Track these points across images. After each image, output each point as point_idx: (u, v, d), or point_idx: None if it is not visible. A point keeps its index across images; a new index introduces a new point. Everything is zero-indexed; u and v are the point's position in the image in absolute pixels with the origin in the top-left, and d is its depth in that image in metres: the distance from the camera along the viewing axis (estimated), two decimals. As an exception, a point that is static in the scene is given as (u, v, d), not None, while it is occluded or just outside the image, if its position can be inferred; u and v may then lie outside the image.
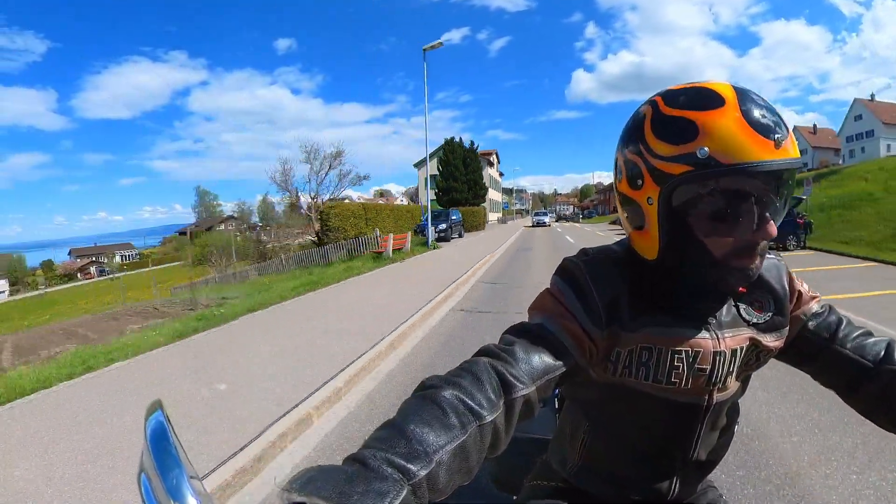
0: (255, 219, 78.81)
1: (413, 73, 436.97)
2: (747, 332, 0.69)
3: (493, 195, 52.92)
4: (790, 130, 0.57)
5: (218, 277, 21.08)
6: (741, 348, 0.69)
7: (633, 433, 0.72)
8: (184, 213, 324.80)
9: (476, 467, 0.46)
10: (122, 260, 69.86)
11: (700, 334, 0.66)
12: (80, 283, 54.82)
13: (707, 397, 0.69)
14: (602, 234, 23.89)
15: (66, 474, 2.25)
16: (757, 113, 0.55)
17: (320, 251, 15.59)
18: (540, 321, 0.63)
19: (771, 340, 0.71)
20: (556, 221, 54.90)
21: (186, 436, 2.55)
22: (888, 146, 43.41)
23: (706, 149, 0.55)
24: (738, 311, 0.70)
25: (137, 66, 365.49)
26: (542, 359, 0.58)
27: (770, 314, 0.71)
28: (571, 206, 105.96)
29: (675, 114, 0.58)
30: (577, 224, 46.38)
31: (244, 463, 2.30)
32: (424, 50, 15.60)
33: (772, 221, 0.59)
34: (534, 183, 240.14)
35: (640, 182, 0.62)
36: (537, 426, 1.07)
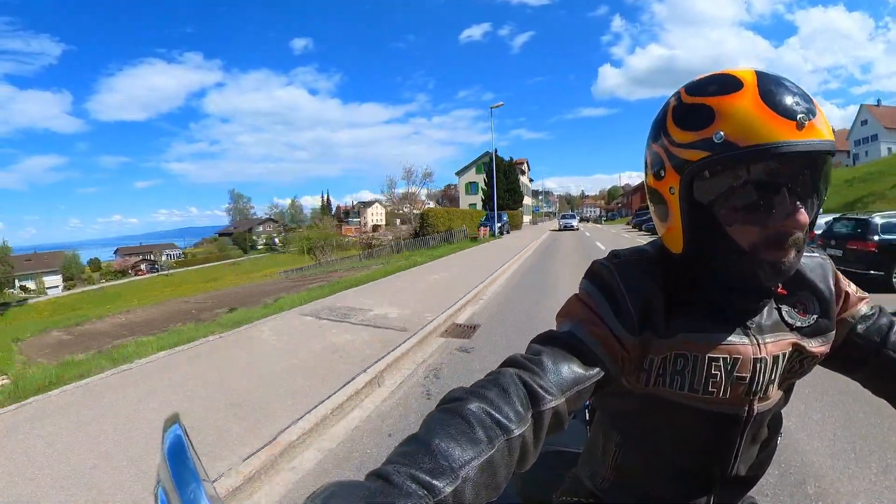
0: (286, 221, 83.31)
1: (433, 71, 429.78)
2: (790, 337, 0.65)
3: (525, 200, 60.31)
4: (819, 112, 0.54)
5: (331, 260, 29.53)
6: (783, 354, 0.64)
7: (667, 446, 0.69)
8: (199, 216, 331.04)
9: (504, 483, 0.45)
10: (167, 259, 73.76)
11: (739, 339, 0.63)
12: (133, 279, 57.00)
13: (747, 408, 0.65)
14: (614, 231, 31.68)
15: (461, 272, 10.14)
16: (777, 94, 0.53)
17: (421, 240, 23.63)
18: (568, 328, 0.61)
19: (816, 346, 0.66)
20: (580, 222, 60.27)
21: (483, 268, 10.37)
22: (889, 149, 48.19)
23: (722, 133, 0.54)
24: (780, 314, 0.66)
25: (152, 68, 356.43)
26: (571, 368, 0.55)
27: (815, 317, 0.66)
28: (598, 209, 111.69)
29: (694, 101, 0.58)
30: (598, 225, 53.38)
31: (507, 267, 10.17)
32: (491, 108, 23.55)
33: (802, 209, 0.55)
34: (560, 184, 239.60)
35: (662, 173, 0.61)
36: (567, 439, 1.05)
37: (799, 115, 0.52)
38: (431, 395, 3.32)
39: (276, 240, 71.62)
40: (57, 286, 52.84)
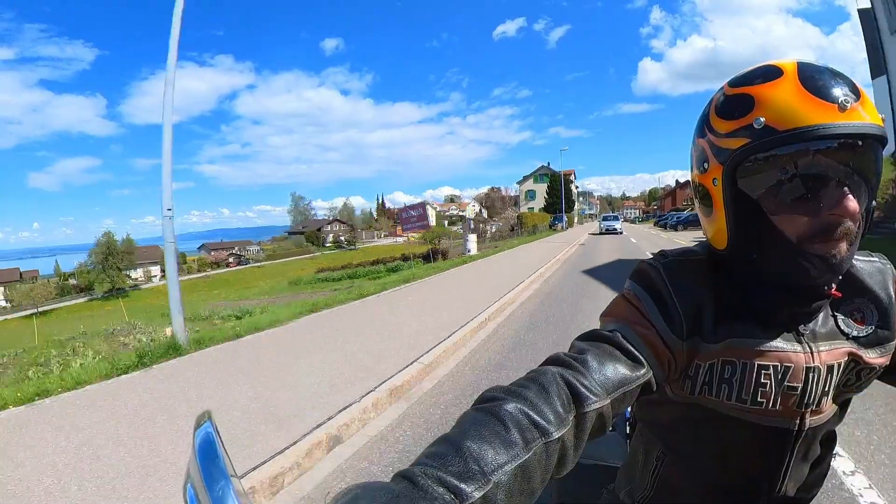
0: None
1: (466, 69, 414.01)
2: (846, 346, 0.62)
3: (575, 205, 74.56)
4: (864, 97, 0.52)
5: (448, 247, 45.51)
6: (838, 364, 0.61)
7: (712, 460, 0.66)
8: (231, 218, 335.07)
9: (539, 489, 0.42)
10: (251, 252, 78.13)
11: (791, 346, 0.60)
12: (226, 270, 60.64)
13: (798, 421, 0.61)
14: (639, 226, 45.99)
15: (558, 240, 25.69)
16: (818, 79, 0.52)
17: (515, 231, 39.03)
18: (614, 328, 0.59)
19: (874, 357, 0.63)
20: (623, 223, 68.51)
21: (575, 235, 25.77)
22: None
23: (762, 119, 0.53)
24: (836, 322, 0.62)
25: (184, 71, 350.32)
26: (617, 369, 0.53)
27: (872, 326, 0.63)
28: (638, 210, 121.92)
29: (735, 92, 0.58)
30: (633, 224, 66.66)
31: (583, 236, 25.68)
32: (561, 150, 38.57)
33: (851, 196, 0.52)
34: (600, 184, 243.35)
35: (706, 165, 0.60)
36: (606, 453, 1.02)
37: (841, 99, 0.50)
38: (579, 254, 18.54)
39: (343, 238, 79.33)
40: (156, 276, 57.57)
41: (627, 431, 1.07)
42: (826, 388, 0.62)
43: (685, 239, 20.96)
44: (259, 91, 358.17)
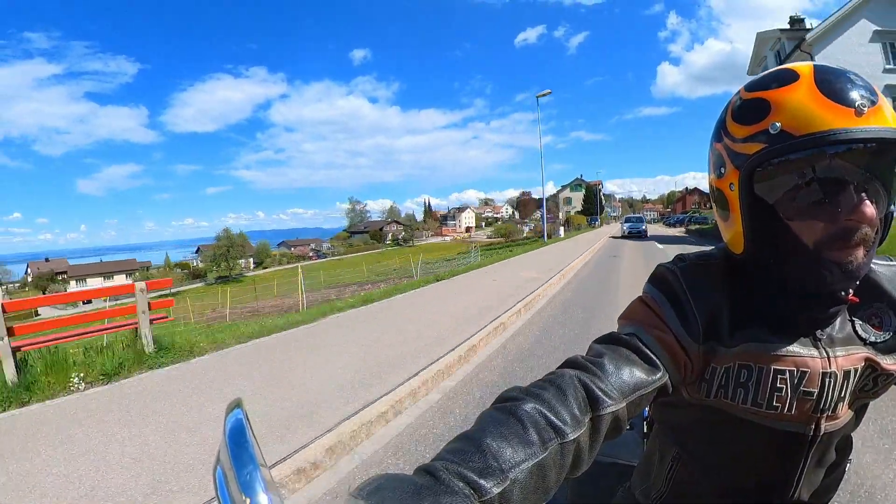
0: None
1: (490, 76, 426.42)
2: (863, 352, 0.62)
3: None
4: (882, 100, 0.52)
5: (518, 240, 63.71)
6: (855, 370, 0.61)
7: (727, 463, 0.67)
8: (266, 220, 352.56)
9: (554, 487, 0.44)
10: (325, 248, 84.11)
11: (807, 351, 0.60)
12: (308, 262, 62.63)
13: (814, 426, 0.62)
14: (652, 225, 62.63)
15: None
16: (834, 82, 0.52)
17: (565, 228, 57.04)
18: (632, 331, 0.60)
19: (891, 363, 0.63)
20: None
21: (609, 229, 44.04)
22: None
23: (778, 123, 0.53)
24: (854, 327, 0.63)
25: (221, 83, 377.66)
26: (633, 373, 0.54)
27: (891, 332, 0.63)
28: (656, 212, 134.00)
29: (752, 96, 0.58)
30: (650, 224, 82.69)
31: (613, 230, 44.13)
32: (597, 172, 56.29)
33: (867, 202, 0.52)
34: (621, 186, 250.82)
35: (723, 170, 0.61)
36: (622, 452, 1.04)
37: (857, 103, 0.50)
38: (610, 244, 36.58)
39: (400, 236, 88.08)
40: (251, 266, 63.55)
41: (645, 430, 1.07)
42: (842, 394, 0.61)
43: (676, 230, 39.31)
44: (291, 100, 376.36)
